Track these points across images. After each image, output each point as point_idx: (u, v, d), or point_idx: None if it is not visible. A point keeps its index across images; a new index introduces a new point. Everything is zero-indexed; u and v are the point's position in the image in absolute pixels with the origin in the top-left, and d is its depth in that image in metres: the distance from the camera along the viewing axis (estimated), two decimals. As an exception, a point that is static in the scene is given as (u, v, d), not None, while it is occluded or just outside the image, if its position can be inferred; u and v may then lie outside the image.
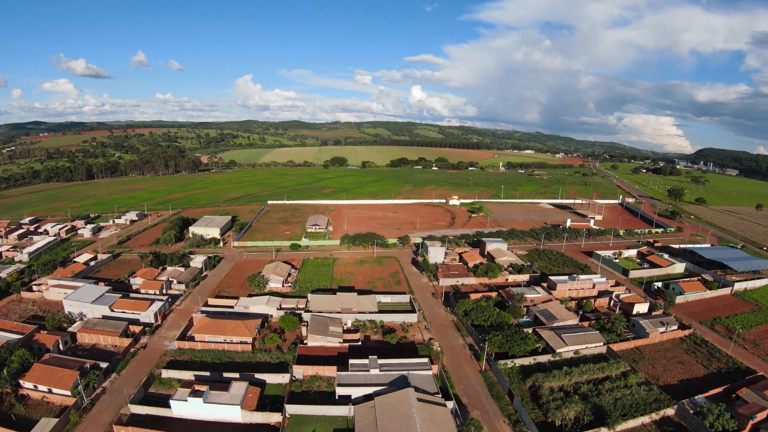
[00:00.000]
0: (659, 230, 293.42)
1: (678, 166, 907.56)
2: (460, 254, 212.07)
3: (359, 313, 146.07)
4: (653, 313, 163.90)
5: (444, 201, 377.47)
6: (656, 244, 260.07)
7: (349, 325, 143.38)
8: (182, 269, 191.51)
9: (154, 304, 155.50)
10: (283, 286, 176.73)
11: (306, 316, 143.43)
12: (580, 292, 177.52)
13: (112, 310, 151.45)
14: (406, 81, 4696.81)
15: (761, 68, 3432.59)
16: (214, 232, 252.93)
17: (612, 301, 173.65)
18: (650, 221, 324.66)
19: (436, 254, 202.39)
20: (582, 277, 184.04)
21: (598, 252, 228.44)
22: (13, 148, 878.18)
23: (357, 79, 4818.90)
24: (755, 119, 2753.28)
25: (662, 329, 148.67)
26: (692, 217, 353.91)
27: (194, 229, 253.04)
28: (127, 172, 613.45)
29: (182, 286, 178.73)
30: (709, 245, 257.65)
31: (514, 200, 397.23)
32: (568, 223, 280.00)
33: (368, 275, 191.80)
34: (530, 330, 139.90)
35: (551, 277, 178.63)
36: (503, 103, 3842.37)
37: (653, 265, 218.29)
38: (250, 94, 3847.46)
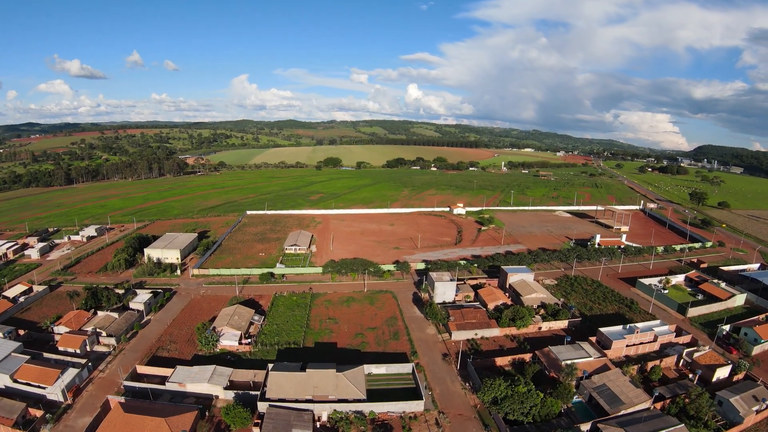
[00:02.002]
0: (696, 245, 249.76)
1: (682, 164, 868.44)
2: (475, 290, 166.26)
3: (339, 401, 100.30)
4: (736, 379, 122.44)
5: (447, 209, 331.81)
6: (702, 265, 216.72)
7: (325, 419, 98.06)
8: (116, 315, 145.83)
9: (66, 373, 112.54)
10: (240, 343, 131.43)
11: (262, 407, 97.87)
12: (639, 348, 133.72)
13: (15, 380, 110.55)
14: (403, 79, 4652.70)
15: (758, 65, 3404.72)
16: (172, 256, 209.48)
17: (682, 361, 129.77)
18: (682, 232, 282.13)
19: (444, 291, 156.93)
20: (640, 326, 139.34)
21: (643, 281, 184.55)
22: (1, 150, 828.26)
23: (353, 78, 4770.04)
24: (751, 116, 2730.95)
25: (757, 407, 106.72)
26: (723, 225, 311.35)
27: (150, 252, 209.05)
28: (109, 176, 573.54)
29: (112, 341, 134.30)
30: (758, 265, 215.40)
31: (526, 207, 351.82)
32: (598, 239, 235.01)
33: (356, 322, 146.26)
34: (588, 428, 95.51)
35: (603, 330, 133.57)
36: (500, 101, 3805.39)
37: (710, 298, 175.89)
38: (245, 94, 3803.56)
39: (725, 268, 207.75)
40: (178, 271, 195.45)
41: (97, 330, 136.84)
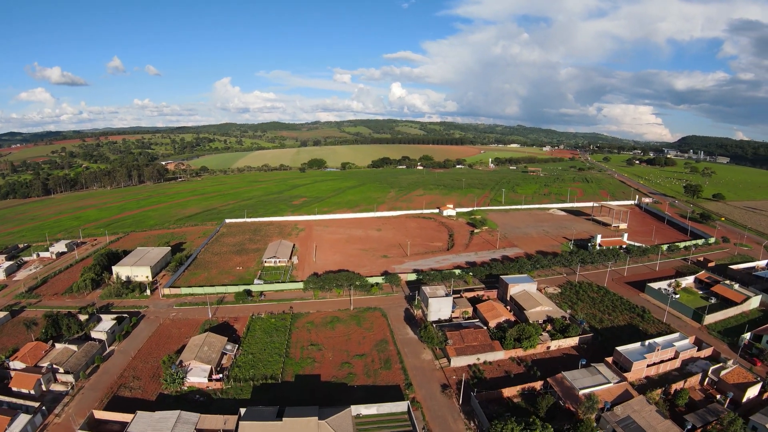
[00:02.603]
0: (699, 242, 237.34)
1: (669, 156, 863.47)
2: (473, 304, 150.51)
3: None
4: (766, 396, 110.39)
5: (437, 211, 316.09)
6: (709, 264, 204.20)
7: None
8: (75, 347, 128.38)
9: (16, 421, 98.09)
10: (211, 379, 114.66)
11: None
12: (660, 367, 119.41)
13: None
14: (386, 78, 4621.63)
15: (738, 55, 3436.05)
16: (143, 273, 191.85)
17: (707, 380, 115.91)
18: (681, 228, 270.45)
19: (440, 308, 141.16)
20: (659, 341, 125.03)
21: (652, 285, 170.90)
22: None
23: (336, 78, 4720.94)
24: (733, 105, 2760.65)
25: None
26: (723, 219, 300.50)
27: (119, 270, 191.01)
28: (87, 185, 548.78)
29: (70, 378, 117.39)
30: (766, 262, 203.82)
31: (518, 206, 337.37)
32: (598, 239, 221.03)
33: (342, 348, 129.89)
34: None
35: (621, 350, 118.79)
36: (483, 98, 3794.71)
37: (724, 301, 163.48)
38: (228, 97, 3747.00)
39: (734, 267, 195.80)
40: (148, 291, 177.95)
41: (54, 366, 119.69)
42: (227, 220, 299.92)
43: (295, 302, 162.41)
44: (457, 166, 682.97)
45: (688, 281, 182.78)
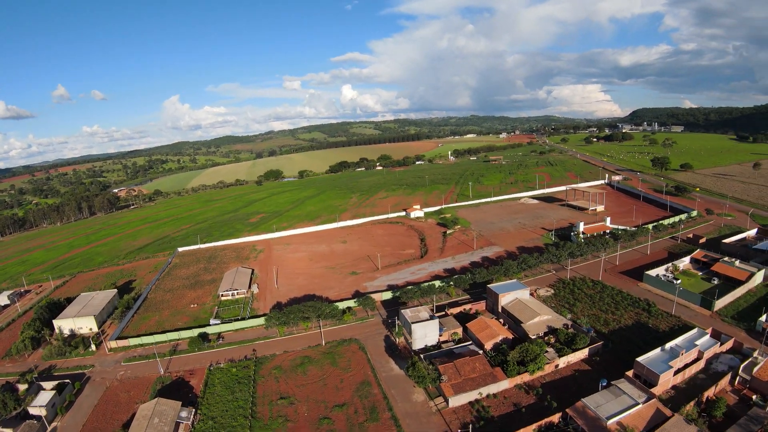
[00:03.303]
0: (682, 216, 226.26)
1: (624, 130, 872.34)
2: (463, 322, 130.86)
3: None
4: None
5: (403, 213, 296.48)
6: (701, 240, 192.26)
7: None
8: (10, 431, 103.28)
9: None
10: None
11: None
12: (685, 373, 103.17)
13: None
14: (336, 81, 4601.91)
15: (680, 27, 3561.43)
16: (86, 325, 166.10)
17: (738, 379, 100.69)
18: (659, 204, 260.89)
19: (425, 333, 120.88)
20: (679, 342, 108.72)
21: (650, 273, 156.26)
22: None
23: (286, 86, 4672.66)
24: (678, 76, 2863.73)
25: None
26: (697, 189, 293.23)
27: (61, 323, 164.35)
28: (37, 223, 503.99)
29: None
30: (755, 231, 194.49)
31: (488, 199, 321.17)
32: (581, 227, 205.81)
33: (318, 398, 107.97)
34: None
35: (642, 361, 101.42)
36: (434, 92, 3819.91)
37: (728, 281, 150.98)
38: (179, 115, 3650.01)
39: (727, 241, 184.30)
40: (93, 346, 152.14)
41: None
42: (180, 249, 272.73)
43: (259, 343, 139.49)
44: (417, 162, 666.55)
45: (684, 263, 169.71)
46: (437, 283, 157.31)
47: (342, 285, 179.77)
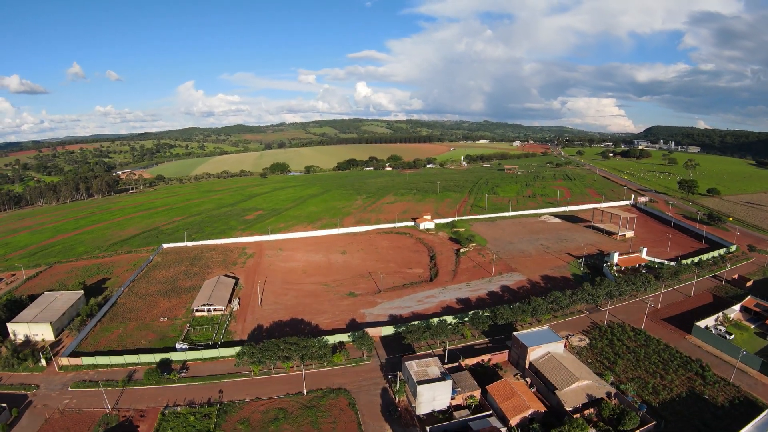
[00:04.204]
0: (722, 251, 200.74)
1: (641, 147, 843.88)
2: (479, 379, 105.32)
3: None
4: None
5: (412, 224, 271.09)
6: (747, 284, 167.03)
7: None
8: None
9: None
10: None
11: None
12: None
13: None
14: (351, 78, 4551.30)
15: (699, 46, 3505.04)
16: (42, 332, 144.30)
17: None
18: (691, 233, 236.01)
19: (434, 396, 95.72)
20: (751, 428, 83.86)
21: (700, 324, 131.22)
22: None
23: (301, 79, 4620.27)
24: (695, 95, 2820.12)
25: None
26: (731, 219, 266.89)
27: (15, 327, 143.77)
28: (33, 201, 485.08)
29: None
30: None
31: (504, 213, 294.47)
32: (615, 258, 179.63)
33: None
34: None
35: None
36: (448, 95, 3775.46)
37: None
38: (192, 101, 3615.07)
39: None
40: (43, 361, 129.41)
41: None
42: (165, 245, 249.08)
43: (228, 381, 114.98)
44: (428, 166, 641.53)
45: (734, 311, 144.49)
46: (449, 318, 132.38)
47: (336, 309, 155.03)
